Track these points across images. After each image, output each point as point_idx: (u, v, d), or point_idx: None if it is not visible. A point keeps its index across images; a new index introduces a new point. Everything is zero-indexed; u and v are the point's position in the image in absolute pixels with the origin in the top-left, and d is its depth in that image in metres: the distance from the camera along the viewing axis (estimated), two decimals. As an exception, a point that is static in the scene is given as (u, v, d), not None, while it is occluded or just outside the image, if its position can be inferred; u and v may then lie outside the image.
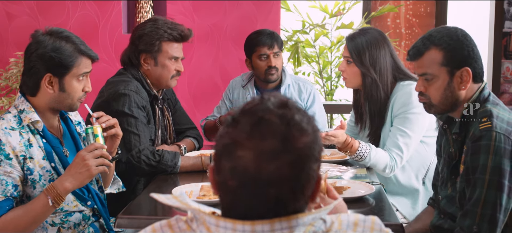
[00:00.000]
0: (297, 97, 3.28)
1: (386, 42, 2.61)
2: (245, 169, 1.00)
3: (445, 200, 2.04)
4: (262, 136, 1.00)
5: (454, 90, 1.94)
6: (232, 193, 1.03)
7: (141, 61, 2.70)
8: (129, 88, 2.56)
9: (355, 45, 2.58)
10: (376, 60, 2.57)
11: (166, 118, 2.84)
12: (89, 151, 1.93)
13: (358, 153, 2.47)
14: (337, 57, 5.19)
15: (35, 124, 1.96)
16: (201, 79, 4.09)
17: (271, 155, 1.00)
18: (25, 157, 1.91)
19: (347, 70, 2.63)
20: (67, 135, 2.12)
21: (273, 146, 1.00)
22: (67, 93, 1.98)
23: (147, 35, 2.67)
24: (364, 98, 2.63)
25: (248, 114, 1.04)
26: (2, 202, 1.87)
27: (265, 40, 3.15)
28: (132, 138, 2.50)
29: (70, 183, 1.89)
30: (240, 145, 1.01)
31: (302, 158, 1.02)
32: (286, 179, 1.00)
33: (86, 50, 2.00)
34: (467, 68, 1.91)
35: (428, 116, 2.55)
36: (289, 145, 1.01)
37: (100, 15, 3.97)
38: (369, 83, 2.58)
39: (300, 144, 1.02)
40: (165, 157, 2.48)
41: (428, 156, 2.64)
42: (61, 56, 1.93)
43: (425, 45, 1.95)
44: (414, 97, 2.50)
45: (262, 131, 1.01)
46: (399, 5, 5.34)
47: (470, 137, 1.88)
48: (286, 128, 1.01)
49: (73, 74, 1.97)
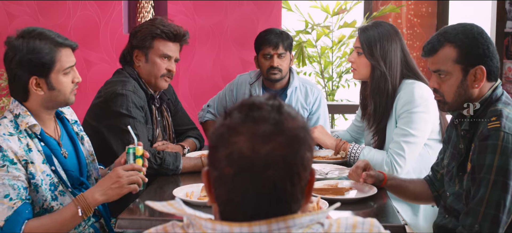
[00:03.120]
0: (303, 100, 3.26)
1: (398, 37, 2.61)
2: (241, 154, 1.01)
3: (452, 197, 2.03)
4: (255, 121, 1.03)
5: (468, 88, 1.93)
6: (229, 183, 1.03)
7: (134, 58, 2.68)
8: (127, 88, 2.54)
9: (367, 36, 2.58)
10: (386, 53, 2.56)
11: (165, 119, 2.82)
12: (126, 170, 1.97)
13: (351, 151, 2.55)
14: (338, 57, 5.18)
15: (33, 128, 1.94)
16: (202, 79, 4.07)
17: (266, 137, 1.01)
18: (27, 162, 1.89)
19: (357, 61, 2.63)
20: (64, 135, 2.10)
21: (267, 128, 1.02)
22: (58, 90, 1.95)
23: (141, 31, 2.65)
24: (371, 90, 2.62)
25: (240, 105, 1.07)
26: (21, 207, 1.84)
27: (271, 40, 3.13)
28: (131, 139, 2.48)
29: (100, 196, 1.93)
30: (234, 131, 1.03)
31: (296, 140, 1.03)
32: (282, 160, 1.01)
33: (63, 41, 1.95)
34: (481, 66, 1.90)
35: (432, 115, 2.53)
36: (282, 127, 1.03)
37: (101, 15, 3.96)
38: (377, 75, 2.57)
39: (292, 126, 1.04)
40: (166, 160, 2.46)
41: (431, 160, 2.61)
42: (39, 56, 1.89)
43: (439, 41, 1.95)
44: (417, 96, 2.48)
45: (255, 116, 1.03)
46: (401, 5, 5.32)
47: (478, 135, 1.87)
48: (277, 114, 1.04)
49: (58, 70, 1.93)
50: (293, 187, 1.03)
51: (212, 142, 1.07)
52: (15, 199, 1.84)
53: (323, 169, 2.49)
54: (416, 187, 2.26)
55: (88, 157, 2.16)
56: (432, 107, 2.51)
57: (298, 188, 1.04)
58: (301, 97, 3.25)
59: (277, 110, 1.05)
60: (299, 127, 1.05)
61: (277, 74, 3.15)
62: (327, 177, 2.37)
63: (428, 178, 2.27)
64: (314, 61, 5.15)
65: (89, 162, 2.15)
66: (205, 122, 3.40)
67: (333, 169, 2.51)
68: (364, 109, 2.77)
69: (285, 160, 1.02)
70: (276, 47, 3.12)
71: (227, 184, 1.03)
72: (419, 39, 5.31)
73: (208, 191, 1.09)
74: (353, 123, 3.01)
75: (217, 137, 1.05)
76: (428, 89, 2.51)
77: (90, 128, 2.32)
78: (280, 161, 1.01)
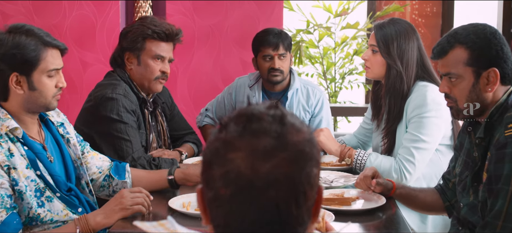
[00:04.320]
0: (305, 102, 3.14)
1: (415, 35, 2.49)
2: (238, 173, 0.89)
3: (466, 208, 1.91)
4: (255, 134, 0.91)
5: (480, 92, 1.82)
6: (226, 204, 0.91)
7: (125, 60, 2.56)
8: (117, 91, 2.42)
9: (384, 34, 2.46)
10: (404, 52, 2.45)
11: (159, 124, 2.69)
12: (131, 192, 1.91)
13: (357, 157, 2.43)
14: (341, 58, 5.10)
15: (14, 132, 1.82)
16: (201, 81, 3.99)
17: (266, 153, 0.89)
18: (9, 167, 1.78)
19: (371, 59, 2.51)
20: (49, 139, 1.99)
21: (268, 143, 0.90)
22: (39, 92, 1.85)
23: (132, 32, 2.53)
24: (386, 90, 2.50)
25: (237, 116, 0.94)
26: (8, 218, 1.74)
27: (270, 40, 3.01)
28: (124, 145, 2.37)
29: (102, 219, 1.85)
30: (231, 146, 0.91)
31: (301, 156, 0.92)
32: (285, 179, 0.90)
33: (51, 41, 1.86)
34: (494, 68, 1.79)
35: (445, 120, 2.42)
36: (285, 141, 0.91)
37: (98, 15, 3.88)
38: (393, 75, 2.45)
39: (297, 140, 0.92)
40: (162, 167, 2.35)
41: (442, 166, 2.49)
42: (24, 52, 1.80)
43: (449, 43, 1.84)
44: (430, 100, 2.37)
45: (254, 129, 0.91)
46: (405, 5, 5.25)
47: (494, 143, 1.75)
48: (279, 126, 0.92)
49: (41, 70, 1.84)
50: (298, 208, 0.91)
51: (206, 158, 0.95)
52: (0, 209, 1.73)
53: (328, 177, 2.37)
54: (426, 196, 2.15)
55: (76, 161, 2.05)
56: (445, 112, 2.39)
57: (304, 209, 0.92)
58: (302, 99, 3.13)
59: (279, 121, 0.92)
60: (305, 140, 0.93)
61: (278, 76, 3.03)
62: (332, 185, 2.26)
63: (439, 187, 2.16)
64: (316, 62, 5.06)
65: (78, 165, 2.04)
66: (203, 127, 3.31)
67: (338, 176, 2.39)
68: (375, 110, 2.64)
69: (289, 179, 0.90)
70: (276, 48, 3.00)
71: (224, 206, 0.91)
72: (423, 39, 5.19)
73: (203, 211, 0.97)
74: (361, 126, 2.89)
75: (212, 152, 0.93)
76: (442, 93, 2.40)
77: (80, 134, 2.21)
78: (283, 180, 0.89)
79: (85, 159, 2.13)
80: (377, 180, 2.07)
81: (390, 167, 2.39)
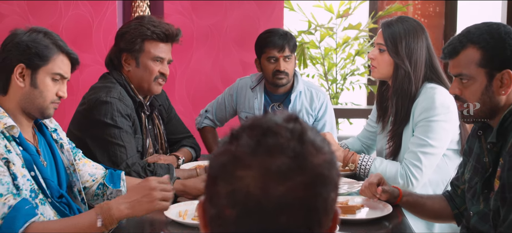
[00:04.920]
0: (308, 105, 3.04)
1: (424, 34, 2.40)
2: (247, 193, 0.80)
3: (476, 217, 1.82)
4: (270, 152, 0.81)
5: (493, 95, 1.73)
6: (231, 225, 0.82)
7: (122, 62, 2.46)
8: (112, 95, 2.33)
9: (392, 32, 2.37)
10: (412, 51, 2.36)
11: (156, 127, 2.60)
12: (160, 182, 1.73)
13: (361, 163, 2.35)
14: (343, 59, 5.05)
15: (11, 130, 1.76)
16: (200, 82, 3.93)
17: (281, 174, 0.80)
18: (8, 161, 1.71)
19: (378, 58, 2.42)
20: (43, 144, 1.92)
21: (284, 163, 0.80)
22: (39, 91, 1.81)
23: (129, 33, 2.43)
24: (394, 91, 2.40)
25: (251, 127, 0.85)
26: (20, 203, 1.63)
27: (276, 42, 2.90)
28: (118, 151, 2.27)
29: (126, 209, 1.69)
30: (241, 163, 0.81)
31: (319, 180, 0.82)
32: (300, 205, 0.80)
33: (65, 47, 1.86)
34: (509, 70, 1.70)
35: (453, 124, 2.33)
36: (303, 163, 0.81)
37: (94, 15, 3.81)
38: (401, 75, 2.36)
39: (316, 162, 0.82)
40: (157, 173, 2.26)
41: (449, 171, 2.40)
42: (38, 46, 1.81)
43: (461, 42, 1.75)
44: (438, 103, 2.28)
45: (269, 145, 0.81)
46: (407, 4, 5.18)
47: (507, 150, 1.66)
48: (298, 144, 0.82)
49: (48, 69, 1.81)
50: None
51: (211, 171, 0.85)
52: (6, 194, 1.64)
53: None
54: (434, 203, 2.06)
55: (69, 167, 1.97)
56: (454, 116, 2.30)
57: None
58: (306, 102, 3.04)
59: (298, 138, 0.82)
60: (326, 162, 0.83)
61: (283, 79, 2.93)
62: (335, 192, 2.17)
63: (448, 194, 2.07)
64: (317, 63, 4.99)
65: (70, 172, 1.96)
66: (203, 129, 3.22)
67: (341, 183, 2.30)
68: (381, 112, 2.56)
69: (304, 205, 0.81)
70: (282, 49, 2.89)
71: (227, 227, 0.82)
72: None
73: (203, 226, 0.87)
74: (365, 129, 2.79)
75: (219, 167, 0.83)
76: (451, 96, 2.31)
77: (73, 138, 2.12)
78: (297, 206, 0.80)
79: (76, 166, 2.05)
80: (383, 187, 1.99)
81: (396, 172, 2.30)
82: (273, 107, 3.05)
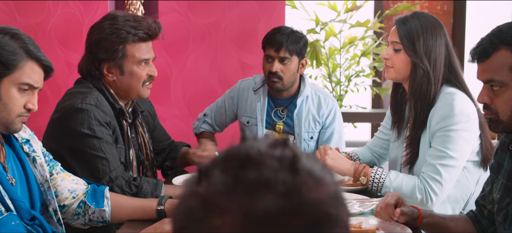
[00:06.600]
0: (316, 112, 2.82)
1: (442, 31, 2.20)
2: None
3: None
4: (251, 189, 0.61)
5: None
6: None
7: (104, 72, 2.23)
8: (88, 101, 2.11)
9: (408, 29, 2.18)
10: (431, 49, 2.16)
11: (140, 136, 2.37)
12: None
13: (374, 176, 2.15)
14: (347, 59, 4.90)
15: None
16: (197, 84, 3.76)
17: (270, 219, 0.60)
18: None
19: (394, 58, 2.22)
20: (11, 159, 1.71)
21: (272, 203, 0.60)
22: (3, 103, 1.61)
23: (106, 39, 2.18)
24: (412, 93, 2.20)
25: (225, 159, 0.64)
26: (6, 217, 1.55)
27: (273, 40, 2.70)
28: (99, 164, 2.05)
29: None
30: (215, 207, 0.61)
31: (323, 222, 0.61)
32: None
33: (36, 53, 1.64)
34: None
35: (473, 133, 2.11)
36: (298, 200, 0.61)
37: (84, 14, 3.65)
38: (420, 75, 2.16)
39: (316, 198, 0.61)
40: (143, 189, 2.04)
41: (469, 186, 2.18)
42: (1, 52, 1.59)
43: (493, 43, 1.54)
44: (457, 110, 2.07)
45: (250, 181, 0.61)
46: (415, 3, 5.05)
47: None
48: (290, 175, 0.61)
49: (14, 79, 1.60)
50: None
51: (176, 221, 0.64)
52: None
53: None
54: (458, 225, 1.84)
55: (43, 184, 1.76)
56: (474, 124, 2.10)
57: None
58: (313, 108, 2.82)
59: (289, 168, 0.62)
60: (329, 197, 0.63)
61: (277, 83, 2.72)
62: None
63: (473, 214, 1.85)
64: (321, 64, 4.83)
65: (45, 189, 1.75)
66: (201, 134, 3.03)
67: (352, 200, 2.07)
68: (396, 116, 2.34)
69: None
70: (278, 49, 2.68)
71: None
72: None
73: None
74: (377, 136, 2.57)
75: (185, 213, 0.63)
76: (470, 102, 2.09)
77: (49, 150, 1.90)
78: None
79: (54, 181, 1.83)
80: (402, 208, 1.76)
81: (413, 186, 2.09)
82: (276, 112, 2.84)
